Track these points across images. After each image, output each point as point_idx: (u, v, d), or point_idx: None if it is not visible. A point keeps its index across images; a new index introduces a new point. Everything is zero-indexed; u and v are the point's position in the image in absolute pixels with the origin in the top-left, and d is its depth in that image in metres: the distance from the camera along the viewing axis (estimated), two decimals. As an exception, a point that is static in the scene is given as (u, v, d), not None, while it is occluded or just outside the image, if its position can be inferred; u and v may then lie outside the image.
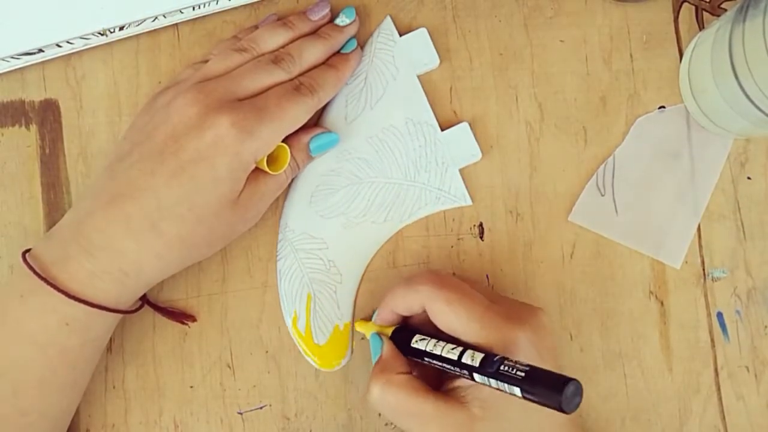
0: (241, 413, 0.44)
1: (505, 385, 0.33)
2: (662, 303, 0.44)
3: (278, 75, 0.41)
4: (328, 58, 0.43)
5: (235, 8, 0.45)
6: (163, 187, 0.38)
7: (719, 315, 0.44)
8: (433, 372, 0.39)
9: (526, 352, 0.36)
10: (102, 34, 0.44)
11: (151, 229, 0.38)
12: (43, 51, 0.44)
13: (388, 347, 0.39)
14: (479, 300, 0.38)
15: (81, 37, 0.44)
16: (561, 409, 0.31)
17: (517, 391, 0.33)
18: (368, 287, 0.45)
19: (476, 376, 0.35)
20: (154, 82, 0.45)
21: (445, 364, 0.37)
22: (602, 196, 0.45)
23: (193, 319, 0.44)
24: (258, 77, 0.40)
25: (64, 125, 0.45)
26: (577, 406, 0.31)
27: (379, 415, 0.44)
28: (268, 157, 0.40)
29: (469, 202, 0.44)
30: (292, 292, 0.44)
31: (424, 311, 0.38)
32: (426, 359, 0.38)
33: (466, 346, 0.36)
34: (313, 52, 0.42)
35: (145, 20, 0.44)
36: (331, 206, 0.44)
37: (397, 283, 0.40)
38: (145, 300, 0.42)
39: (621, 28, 0.45)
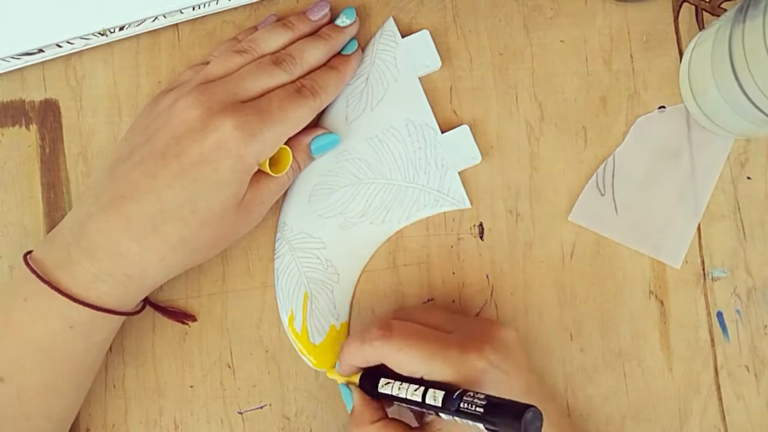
0: (241, 413, 0.44)
1: (469, 422, 0.33)
2: (662, 303, 0.44)
3: (280, 77, 0.41)
4: (329, 60, 0.43)
5: (235, 8, 0.45)
6: (165, 189, 0.38)
7: (719, 315, 0.44)
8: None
9: (492, 376, 0.36)
10: (102, 34, 0.44)
11: (153, 232, 0.38)
12: (43, 51, 0.44)
13: (357, 397, 0.39)
14: (432, 337, 0.37)
15: (81, 37, 0.44)
16: None
17: (480, 426, 0.33)
18: (368, 287, 0.45)
19: (442, 415, 0.35)
20: (154, 82, 0.45)
21: (412, 406, 0.36)
22: (602, 196, 0.45)
23: (193, 318, 0.44)
24: (260, 79, 0.40)
25: (64, 125, 0.45)
26: (538, 431, 0.31)
27: None
28: (270, 159, 0.40)
29: (468, 205, 0.44)
30: (289, 291, 0.44)
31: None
32: (395, 402, 0.38)
33: (429, 384, 0.36)
34: (315, 54, 0.42)
35: (145, 20, 0.44)
36: (330, 206, 0.44)
37: (350, 338, 0.39)
38: (146, 301, 0.42)
39: (621, 28, 0.45)
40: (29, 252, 0.39)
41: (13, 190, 0.45)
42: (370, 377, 0.39)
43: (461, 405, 0.33)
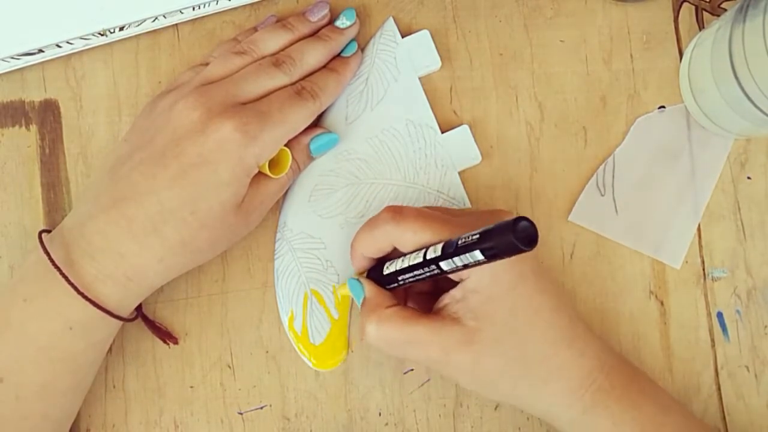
0: (241, 413, 0.44)
1: (467, 256, 0.33)
2: (662, 303, 0.44)
3: (279, 78, 0.41)
4: (328, 61, 0.43)
5: (235, 8, 0.45)
6: (165, 190, 0.38)
7: (719, 315, 0.44)
8: (420, 298, 0.40)
9: None
10: (102, 34, 0.44)
11: (153, 233, 0.38)
12: (43, 51, 0.44)
13: (369, 286, 0.39)
14: (442, 219, 0.37)
15: (81, 37, 0.44)
16: (519, 247, 0.31)
17: (478, 254, 0.32)
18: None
19: (443, 264, 0.35)
20: (154, 82, 0.45)
21: (417, 274, 0.37)
22: (602, 196, 0.45)
23: (175, 340, 0.44)
24: (259, 81, 0.40)
25: (64, 125, 0.45)
26: (536, 239, 0.31)
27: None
28: (269, 160, 0.40)
29: (468, 205, 0.44)
30: (289, 292, 0.44)
31: (395, 248, 0.38)
32: (401, 280, 0.38)
33: (427, 246, 0.36)
34: (314, 55, 0.42)
35: (145, 20, 0.44)
36: (330, 206, 0.44)
37: (361, 228, 0.39)
38: (138, 311, 0.42)
39: (621, 28, 0.45)
40: (43, 231, 0.39)
41: (13, 190, 0.45)
42: (378, 269, 0.39)
43: (459, 242, 0.33)
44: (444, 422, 0.44)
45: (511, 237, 0.30)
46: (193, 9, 0.44)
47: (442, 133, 0.44)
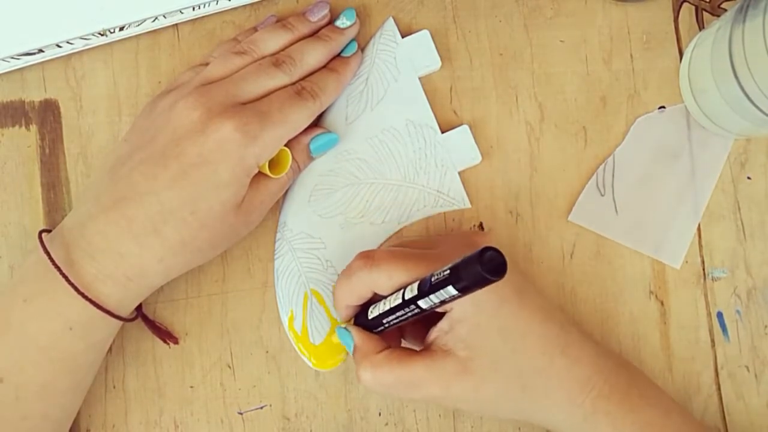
0: (241, 413, 0.44)
1: (442, 293, 0.33)
2: (662, 303, 0.44)
3: (280, 78, 0.41)
4: (328, 61, 0.43)
5: (235, 8, 0.45)
6: (165, 190, 0.38)
7: (719, 315, 0.44)
8: (415, 329, 0.40)
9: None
10: (102, 34, 0.44)
11: (153, 233, 0.38)
12: (43, 51, 0.44)
13: (357, 334, 0.39)
14: (414, 256, 0.37)
15: (81, 37, 0.44)
16: (487, 278, 0.30)
17: (452, 290, 0.32)
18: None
19: (421, 303, 0.35)
20: (154, 82, 0.45)
21: (399, 315, 0.36)
22: (602, 196, 0.45)
23: (175, 340, 0.44)
24: (260, 81, 0.40)
25: (64, 125, 0.45)
26: (504, 268, 0.31)
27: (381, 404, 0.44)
28: (269, 160, 0.40)
29: (468, 205, 0.44)
30: (289, 292, 0.44)
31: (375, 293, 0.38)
32: (386, 323, 0.38)
33: (404, 285, 0.36)
34: (314, 55, 0.42)
35: (145, 20, 0.44)
36: (330, 206, 0.44)
37: (338, 280, 0.39)
38: (138, 311, 0.42)
39: (621, 28, 0.45)
40: (43, 230, 0.39)
41: (13, 190, 0.45)
42: (363, 315, 0.39)
43: (432, 280, 0.33)
44: (444, 422, 0.44)
45: (479, 269, 0.30)
46: (193, 9, 0.44)
47: (442, 133, 0.44)
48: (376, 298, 0.39)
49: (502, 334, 0.37)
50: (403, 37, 0.45)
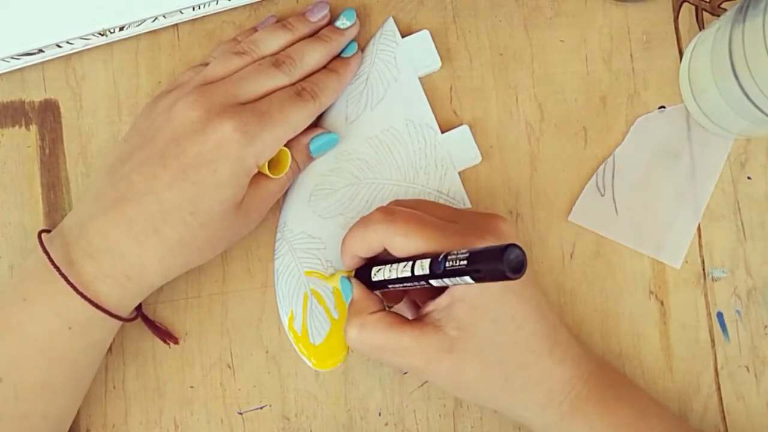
0: (241, 413, 0.44)
1: (457, 278, 0.33)
2: (662, 303, 0.44)
3: (280, 79, 0.41)
4: (329, 62, 0.43)
5: (235, 8, 0.45)
6: (165, 190, 0.38)
7: (719, 315, 0.44)
8: (408, 301, 0.40)
9: None
10: (102, 34, 0.44)
11: (153, 233, 0.38)
12: (43, 51, 0.44)
13: (356, 288, 0.39)
14: (434, 224, 0.37)
15: (81, 37, 0.44)
16: (506, 275, 0.31)
17: (468, 279, 0.32)
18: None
19: (432, 282, 0.35)
20: (154, 82, 0.45)
21: (406, 284, 0.37)
22: (602, 196, 0.45)
23: (175, 340, 0.44)
24: (259, 81, 0.40)
25: (64, 125, 0.45)
26: (524, 268, 0.31)
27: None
28: (269, 160, 0.40)
29: (468, 206, 0.44)
30: (289, 292, 0.44)
31: (385, 249, 0.38)
32: (390, 286, 0.38)
33: (416, 258, 0.36)
34: (314, 56, 0.42)
35: (145, 20, 0.44)
36: (330, 206, 0.44)
37: (353, 225, 0.39)
38: (138, 311, 0.42)
39: (621, 28, 0.45)
40: (43, 230, 0.39)
41: (13, 190, 0.45)
42: (367, 270, 0.39)
43: (446, 264, 0.33)
44: (444, 422, 0.44)
45: (500, 266, 0.30)
46: (193, 9, 0.44)
47: (442, 133, 0.44)
48: (382, 256, 0.39)
49: (497, 323, 0.37)
50: (403, 37, 0.45)
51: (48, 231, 0.40)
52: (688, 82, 0.44)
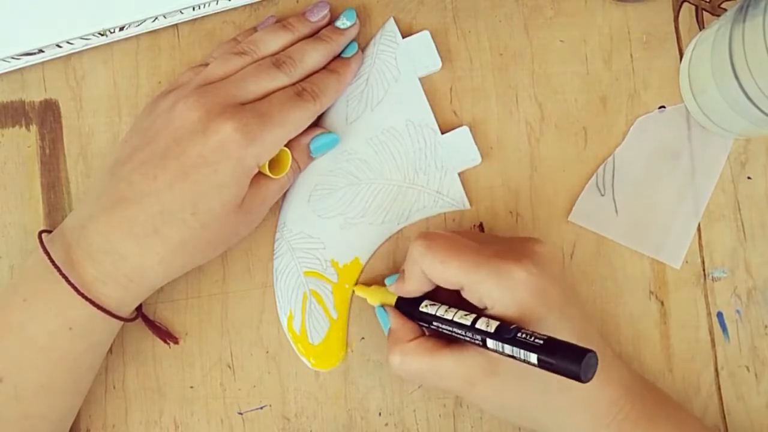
0: (241, 413, 0.44)
1: (521, 351, 0.33)
2: (662, 303, 0.44)
3: (280, 79, 0.41)
4: (329, 62, 0.43)
5: (235, 8, 0.45)
6: (165, 191, 0.38)
7: (719, 315, 0.44)
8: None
9: (531, 286, 0.36)
10: (102, 34, 0.44)
11: (154, 234, 0.38)
12: (43, 51, 0.44)
13: (394, 318, 0.40)
14: (471, 249, 0.37)
15: (81, 37, 0.44)
16: (579, 378, 0.31)
17: (533, 358, 0.33)
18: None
19: (489, 342, 0.35)
20: (154, 82, 0.45)
21: (455, 330, 0.37)
22: (602, 196, 0.45)
23: (175, 340, 0.44)
24: (260, 81, 0.40)
25: (64, 125, 0.45)
26: (593, 375, 0.32)
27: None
28: (270, 161, 0.40)
29: (468, 206, 0.44)
30: (288, 291, 0.44)
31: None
32: (434, 324, 0.38)
33: (481, 313, 0.36)
34: (315, 56, 0.42)
35: (145, 20, 0.44)
36: (329, 206, 0.44)
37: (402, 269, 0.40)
38: (139, 311, 0.42)
39: (621, 28, 0.45)
40: (43, 231, 0.39)
41: (13, 191, 0.45)
42: (409, 300, 0.40)
43: (518, 335, 0.34)
44: (444, 422, 0.44)
45: (577, 369, 0.31)
46: (193, 9, 0.44)
47: (442, 133, 0.44)
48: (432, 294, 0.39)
49: None
50: (403, 38, 0.45)
51: (48, 231, 0.40)
52: (688, 82, 0.44)
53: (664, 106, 0.45)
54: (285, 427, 0.44)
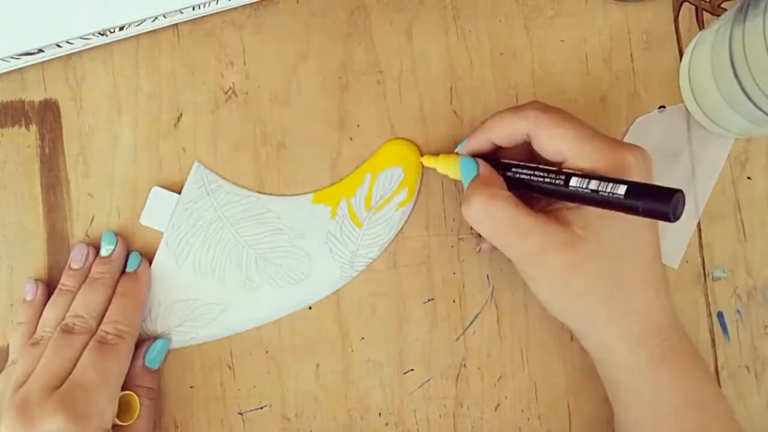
0: (241, 413, 0.44)
1: (609, 185, 0.34)
2: (662, 303, 0.44)
3: (80, 341, 0.40)
4: (116, 284, 0.43)
5: (235, 8, 0.45)
6: None
7: (719, 315, 0.44)
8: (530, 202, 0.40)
9: (638, 173, 0.36)
10: (102, 34, 0.44)
11: None
12: (43, 51, 0.44)
13: (485, 167, 0.39)
14: (585, 125, 0.37)
15: (81, 37, 0.44)
16: (668, 217, 0.31)
17: (621, 189, 0.33)
18: (369, 287, 0.44)
19: (573, 180, 0.35)
20: (154, 82, 0.45)
21: (543, 189, 0.37)
22: (602, 196, 0.45)
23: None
24: (63, 356, 0.40)
25: (64, 125, 0.45)
26: (680, 215, 0.32)
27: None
28: (118, 411, 0.40)
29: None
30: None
31: (518, 144, 0.39)
32: (515, 172, 0.38)
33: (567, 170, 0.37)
34: (97, 299, 0.42)
35: (145, 20, 0.44)
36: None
37: (501, 111, 0.39)
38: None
39: (621, 28, 0.45)
40: None
41: (13, 190, 0.45)
42: (491, 162, 0.40)
43: (602, 183, 0.34)
44: (444, 422, 0.44)
45: (667, 206, 0.32)
46: (193, 9, 0.44)
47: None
48: (508, 155, 0.40)
49: (624, 237, 0.36)
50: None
51: None
52: (688, 82, 0.44)
53: (664, 106, 0.45)
54: (285, 427, 0.44)
